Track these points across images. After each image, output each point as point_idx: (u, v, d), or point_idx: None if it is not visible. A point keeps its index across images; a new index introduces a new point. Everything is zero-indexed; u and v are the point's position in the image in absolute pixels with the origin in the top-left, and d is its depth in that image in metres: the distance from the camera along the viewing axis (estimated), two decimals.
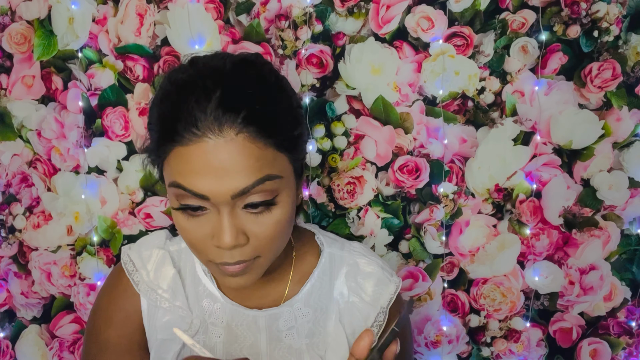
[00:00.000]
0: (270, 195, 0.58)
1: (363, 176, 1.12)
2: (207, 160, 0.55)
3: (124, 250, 0.75)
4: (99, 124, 1.16)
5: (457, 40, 1.07)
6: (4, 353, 1.27)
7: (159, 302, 0.71)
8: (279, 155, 0.58)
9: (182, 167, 0.56)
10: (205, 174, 0.55)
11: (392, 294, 0.74)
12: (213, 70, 0.58)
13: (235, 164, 0.55)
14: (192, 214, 0.58)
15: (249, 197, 0.57)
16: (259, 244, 0.60)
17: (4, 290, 1.25)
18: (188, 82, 0.58)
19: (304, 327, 0.72)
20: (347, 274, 0.75)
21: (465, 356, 1.19)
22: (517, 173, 1.11)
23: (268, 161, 0.57)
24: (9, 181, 1.21)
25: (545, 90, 1.07)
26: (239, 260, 0.59)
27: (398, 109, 1.10)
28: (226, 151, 0.55)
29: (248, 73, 0.59)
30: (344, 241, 0.79)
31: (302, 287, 0.73)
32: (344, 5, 1.07)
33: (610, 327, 1.16)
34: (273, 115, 0.58)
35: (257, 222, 0.58)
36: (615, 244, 1.12)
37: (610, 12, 1.04)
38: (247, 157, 0.55)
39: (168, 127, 0.56)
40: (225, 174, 0.55)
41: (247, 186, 0.56)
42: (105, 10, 1.11)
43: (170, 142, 0.56)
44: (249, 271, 0.62)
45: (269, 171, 0.57)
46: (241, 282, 0.62)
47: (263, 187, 0.56)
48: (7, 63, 1.17)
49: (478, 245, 1.14)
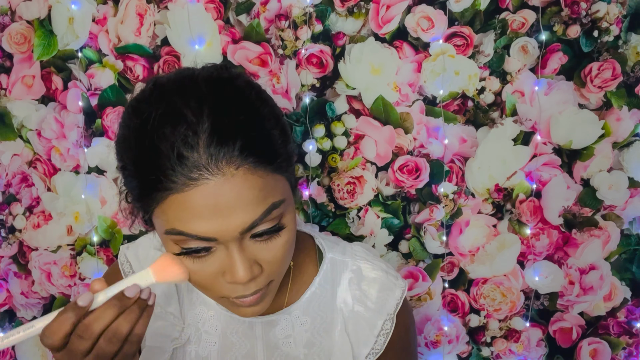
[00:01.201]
0: (276, 221, 0.55)
1: (363, 176, 1.12)
2: (210, 202, 0.50)
3: (121, 249, 0.74)
4: (99, 124, 1.16)
5: (457, 40, 1.07)
6: (4, 353, 1.27)
7: None
8: (278, 178, 0.55)
9: (181, 214, 0.51)
10: (210, 217, 0.51)
11: (399, 299, 0.71)
12: (189, 97, 0.52)
13: (240, 200, 0.51)
14: (197, 256, 0.55)
15: (257, 228, 0.54)
16: (271, 269, 0.57)
17: (4, 290, 1.25)
18: (164, 115, 0.51)
19: (302, 336, 0.70)
20: (351, 281, 0.72)
21: (465, 356, 1.19)
22: (517, 173, 1.11)
23: (270, 188, 0.53)
24: (9, 181, 1.21)
25: (545, 90, 1.07)
26: (256, 291, 0.57)
27: (398, 109, 1.10)
28: (229, 189, 0.50)
29: (228, 94, 0.54)
30: (345, 244, 0.76)
31: (302, 295, 0.71)
32: (344, 5, 1.07)
33: (610, 327, 1.16)
34: (267, 139, 0.54)
35: (267, 249, 0.56)
36: (615, 243, 1.12)
37: (610, 12, 1.04)
38: (252, 190, 0.51)
39: (153, 174, 0.50)
40: (231, 213, 0.51)
41: (255, 220, 0.52)
42: (105, 10, 1.11)
43: (160, 190, 0.51)
44: (264, 297, 0.60)
45: (273, 199, 0.54)
46: (257, 309, 0.60)
47: (270, 216, 0.54)
48: (7, 63, 1.17)
49: (478, 245, 1.14)
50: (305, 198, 1.13)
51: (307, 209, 1.15)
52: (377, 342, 0.70)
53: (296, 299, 0.71)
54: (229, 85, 0.55)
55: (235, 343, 0.70)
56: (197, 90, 0.52)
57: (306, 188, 1.13)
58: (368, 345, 0.70)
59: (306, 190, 1.13)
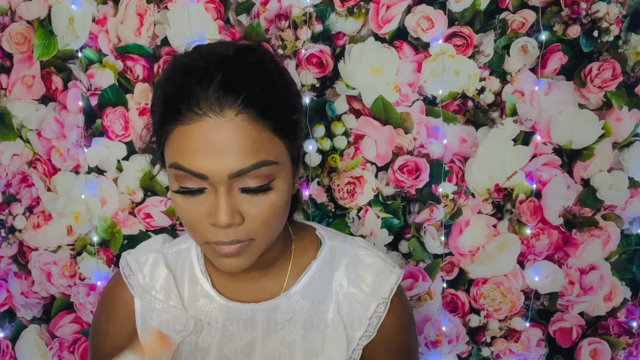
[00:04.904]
0: (266, 180, 0.59)
1: (363, 176, 1.12)
2: (207, 138, 0.57)
3: (123, 256, 0.77)
4: (99, 124, 1.16)
5: (457, 40, 1.07)
6: (4, 353, 1.27)
7: (152, 303, 0.72)
8: (275, 140, 0.60)
9: (182, 146, 0.58)
10: (204, 153, 0.57)
11: (393, 285, 0.73)
12: (216, 55, 0.61)
13: (233, 144, 0.57)
14: (190, 196, 0.60)
15: (246, 181, 0.58)
16: (253, 224, 0.61)
17: (4, 290, 1.26)
18: (191, 65, 0.60)
19: (301, 318, 0.72)
20: (347, 266, 0.74)
21: (465, 356, 1.19)
22: (517, 173, 1.11)
23: (265, 145, 0.58)
24: (9, 181, 1.21)
25: (545, 90, 1.07)
26: (234, 240, 0.60)
27: (398, 109, 1.10)
28: (225, 130, 0.57)
29: (249, 59, 0.61)
30: (346, 235, 0.79)
31: (300, 279, 0.73)
32: (344, 5, 1.07)
33: (610, 327, 1.16)
34: (272, 99, 0.59)
35: (253, 203, 0.60)
36: (615, 244, 1.12)
37: (610, 12, 1.04)
38: (245, 138, 0.57)
39: (171, 107, 0.59)
40: (223, 154, 0.57)
41: (243, 168, 0.57)
42: (105, 10, 1.11)
43: (172, 121, 0.58)
44: (243, 253, 0.62)
45: (266, 156, 0.58)
46: (235, 263, 0.63)
47: (259, 171, 0.58)
48: (7, 63, 1.17)
49: (478, 245, 1.14)
50: (305, 198, 1.13)
51: (307, 209, 1.15)
52: (370, 324, 0.72)
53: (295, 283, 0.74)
54: (253, 53, 0.62)
55: (235, 334, 0.72)
56: (223, 52, 0.61)
57: (306, 188, 1.13)
58: (361, 327, 0.72)
59: (306, 190, 1.13)
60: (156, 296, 0.72)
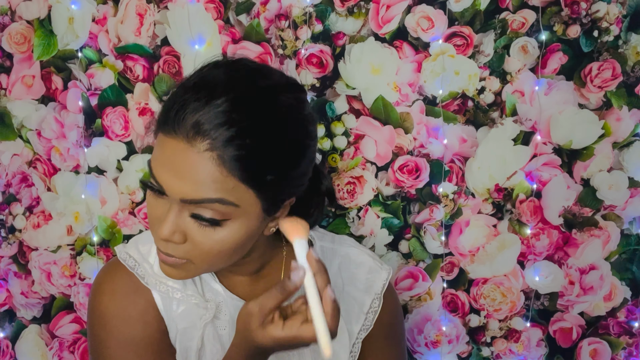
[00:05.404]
0: (219, 216, 0.59)
1: (363, 176, 1.12)
2: (174, 157, 0.57)
3: (119, 248, 0.75)
4: (99, 124, 1.16)
5: (457, 40, 1.07)
6: (4, 353, 1.27)
7: (171, 293, 0.71)
8: (241, 187, 0.58)
9: (156, 152, 0.60)
10: (167, 169, 0.58)
11: (385, 280, 0.78)
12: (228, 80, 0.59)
13: (193, 175, 0.56)
14: (155, 195, 0.61)
15: (198, 209, 0.58)
16: (192, 250, 0.61)
17: (4, 290, 1.26)
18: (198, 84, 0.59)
19: None
20: (341, 265, 0.78)
21: (465, 356, 1.19)
22: (517, 173, 1.11)
23: (226, 188, 0.57)
24: (9, 181, 1.21)
25: (545, 90, 1.07)
26: (169, 254, 0.61)
27: (398, 109, 1.10)
28: (190, 159, 0.56)
29: (262, 99, 0.58)
30: (333, 235, 0.82)
31: None
32: (344, 5, 1.07)
33: (610, 327, 1.16)
34: (250, 149, 0.56)
35: (200, 232, 0.60)
36: (615, 243, 1.12)
37: (610, 12, 1.04)
38: (206, 175, 0.56)
39: (164, 113, 0.59)
40: (182, 178, 0.57)
41: (195, 199, 0.57)
42: (105, 10, 1.11)
43: (160, 125, 0.59)
44: (179, 268, 0.63)
45: (223, 196, 0.57)
46: (171, 272, 0.64)
47: (212, 206, 0.58)
48: (7, 63, 1.17)
49: (478, 245, 1.14)
50: None
51: None
52: (367, 319, 0.77)
53: None
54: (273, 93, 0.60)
55: None
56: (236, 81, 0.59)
57: None
58: (359, 322, 0.77)
59: None
60: (173, 286, 0.71)
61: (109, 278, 0.74)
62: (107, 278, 0.74)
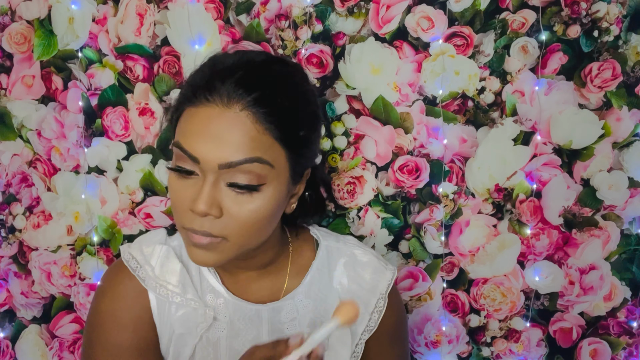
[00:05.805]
0: (256, 181, 0.60)
1: (363, 176, 1.12)
2: (208, 124, 0.59)
3: (123, 248, 0.75)
4: (99, 124, 1.16)
5: (457, 40, 1.07)
6: (4, 353, 1.27)
7: (170, 297, 0.71)
8: (276, 146, 0.60)
9: (187, 126, 0.61)
10: (202, 138, 0.59)
11: (390, 281, 0.78)
12: (246, 57, 0.64)
13: (230, 136, 0.58)
14: (183, 176, 0.61)
15: (236, 175, 0.59)
16: (229, 222, 0.61)
17: (4, 290, 1.26)
18: (221, 60, 0.64)
19: (306, 317, 0.74)
20: (346, 265, 0.78)
21: (465, 356, 1.19)
22: (517, 173, 1.11)
23: (263, 146, 0.59)
24: (9, 181, 1.21)
25: (545, 90, 1.07)
26: (206, 232, 0.61)
27: (398, 109, 1.10)
28: (227, 122, 0.58)
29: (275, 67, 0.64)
30: (338, 235, 0.83)
31: (303, 279, 0.75)
32: (344, 5, 1.07)
33: (610, 327, 1.16)
34: (284, 108, 0.61)
35: (236, 201, 0.60)
36: (615, 243, 1.12)
37: (610, 12, 1.04)
38: (243, 134, 0.58)
39: (189, 90, 0.62)
40: (219, 143, 0.58)
41: (234, 161, 0.58)
42: (105, 10, 1.12)
43: (186, 101, 0.62)
44: (213, 249, 0.62)
45: (261, 155, 0.59)
46: (203, 257, 0.63)
47: (251, 167, 0.59)
48: (7, 63, 1.17)
49: (478, 245, 1.14)
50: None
51: None
52: (371, 319, 0.77)
53: (297, 283, 0.75)
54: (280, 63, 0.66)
55: (242, 329, 0.73)
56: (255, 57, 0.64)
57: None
58: (363, 322, 0.76)
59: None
60: (174, 290, 0.71)
61: (113, 280, 0.75)
62: (111, 280, 0.75)
